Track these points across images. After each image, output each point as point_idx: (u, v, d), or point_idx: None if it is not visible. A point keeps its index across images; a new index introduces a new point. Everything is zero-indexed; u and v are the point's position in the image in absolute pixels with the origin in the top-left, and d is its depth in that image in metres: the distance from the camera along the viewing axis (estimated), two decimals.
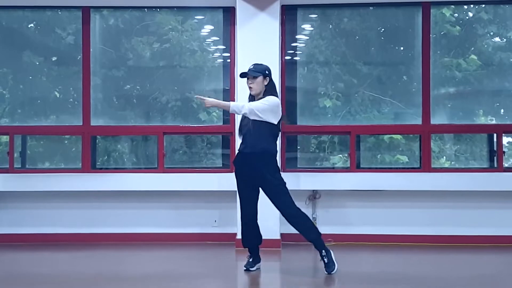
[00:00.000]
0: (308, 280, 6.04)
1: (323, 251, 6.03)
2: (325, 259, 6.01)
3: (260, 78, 6.07)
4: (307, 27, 8.35)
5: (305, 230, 6.09)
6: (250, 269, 6.15)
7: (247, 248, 6.27)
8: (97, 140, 8.34)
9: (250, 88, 6.12)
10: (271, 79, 6.16)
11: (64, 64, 8.50)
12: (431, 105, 8.00)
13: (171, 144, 8.42)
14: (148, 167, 8.30)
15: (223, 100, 8.13)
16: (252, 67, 6.14)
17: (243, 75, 6.18)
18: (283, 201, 6.06)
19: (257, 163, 6.01)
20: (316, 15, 8.35)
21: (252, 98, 6.20)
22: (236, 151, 6.28)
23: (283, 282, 6.02)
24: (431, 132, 7.98)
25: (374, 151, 8.38)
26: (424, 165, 7.90)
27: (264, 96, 6.07)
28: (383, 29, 8.44)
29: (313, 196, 7.97)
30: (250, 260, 6.21)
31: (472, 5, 8.37)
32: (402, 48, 8.46)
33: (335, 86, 8.25)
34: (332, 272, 5.98)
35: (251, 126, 6.02)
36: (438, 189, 7.76)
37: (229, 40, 8.10)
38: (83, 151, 8.07)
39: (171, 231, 7.98)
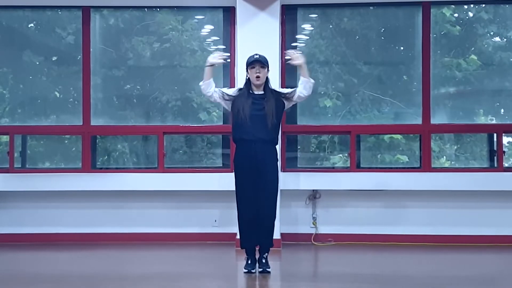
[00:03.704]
0: (308, 280, 6.04)
1: (267, 253, 6.10)
2: (266, 260, 6.08)
3: (266, 69, 6.03)
4: (307, 26, 8.35)
5: (272, 235, 6.11)
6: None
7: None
8: (97, 140, 8.34)
9: (257, 77, 5.96)
10: None
11: (64, 63, 8.50)
12: (431, 105, 8.00)
13: (171, 144, 8.42)
14: (148, 167, 8.30)
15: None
16: (258, 56, 6.00)
17: (255, 62, 5.96)
18: (276, 198, 6.07)
19: (273, 151, 6.03)
20: (316, 15, 8.35)
21: (247, 87, 6.03)
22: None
23: (283, 282, 6.01)
24: (431, 131, 7.98)
25: (374, 151, 8.39)
26: (424, 165, 7.90)
27: (264, 86, 6.03)
28: (383, 29, 8.44)
29: (313, 196, 7.97)
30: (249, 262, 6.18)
31: (472, 5, 8.37)
32: (402, 48, 8.46)
33: (335, 86, 8.25)
34: (269, 270, 6.03)
35: (272, 115, 5.93)
36: (438, 189, 7.76)
37: (229, 40, 8.09)
38: (83, 151, 8.07)
39: (171, 231, 7.98)
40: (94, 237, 7.99)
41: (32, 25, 8.60)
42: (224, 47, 8.20)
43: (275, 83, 7.03)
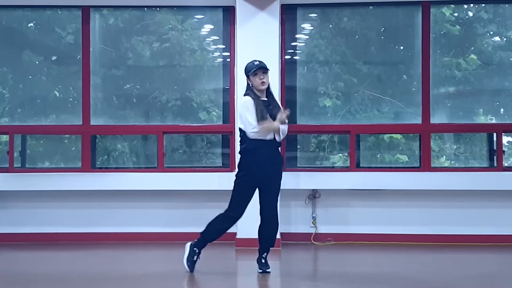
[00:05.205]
0: (307, 280, 6.04)
1: (267, 253, 6.11)
2: (266, 260, 6.08)
3: (268, 74, 6.04)
4: (307, 26, 8.35)
5: (275, 234, 6.14)
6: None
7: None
8: (97, 140, 8.33)
9: (263, 82, 5.95)
10: None
11: (64, 63, 8.50)
12: (431, 105, 7.99)
13: (171, 143, 8.42)
14: (148, 166, 8.30)
15: (223, 100, 8.16)
16: (258, 62, 5.98)
17: (257, 69, 5.94)
18: (277, 201, 6.10)
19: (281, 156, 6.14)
20: (316, 15, 8.35)
21: (254, 93, 5.99)
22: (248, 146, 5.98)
23: (283, 281, 6.01)
24: (431, 131, 7.98)
25: (374, 151, 8.39)
26: (424, 164, 7.90)
27: (268, 91, 6.05)
28: (383, 29, 8.44)
29: (313, 195, 7.96)
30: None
31: (472, 4, 8.37)
32: (402, 48, 8.46)
33: (335, 86, 8.25)
34: (269, 270, 6.03)
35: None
36: (438, 189, 7.76)
37: (229, 39, 8.09)
38: (83, 150, 8.06)
39: (171, 230, 7.97)
40: (94, 237, 7.98)
41: (31, 24, 8.60)
42: (224, 46, 8.20)
43: (275, 83, 7.07)
